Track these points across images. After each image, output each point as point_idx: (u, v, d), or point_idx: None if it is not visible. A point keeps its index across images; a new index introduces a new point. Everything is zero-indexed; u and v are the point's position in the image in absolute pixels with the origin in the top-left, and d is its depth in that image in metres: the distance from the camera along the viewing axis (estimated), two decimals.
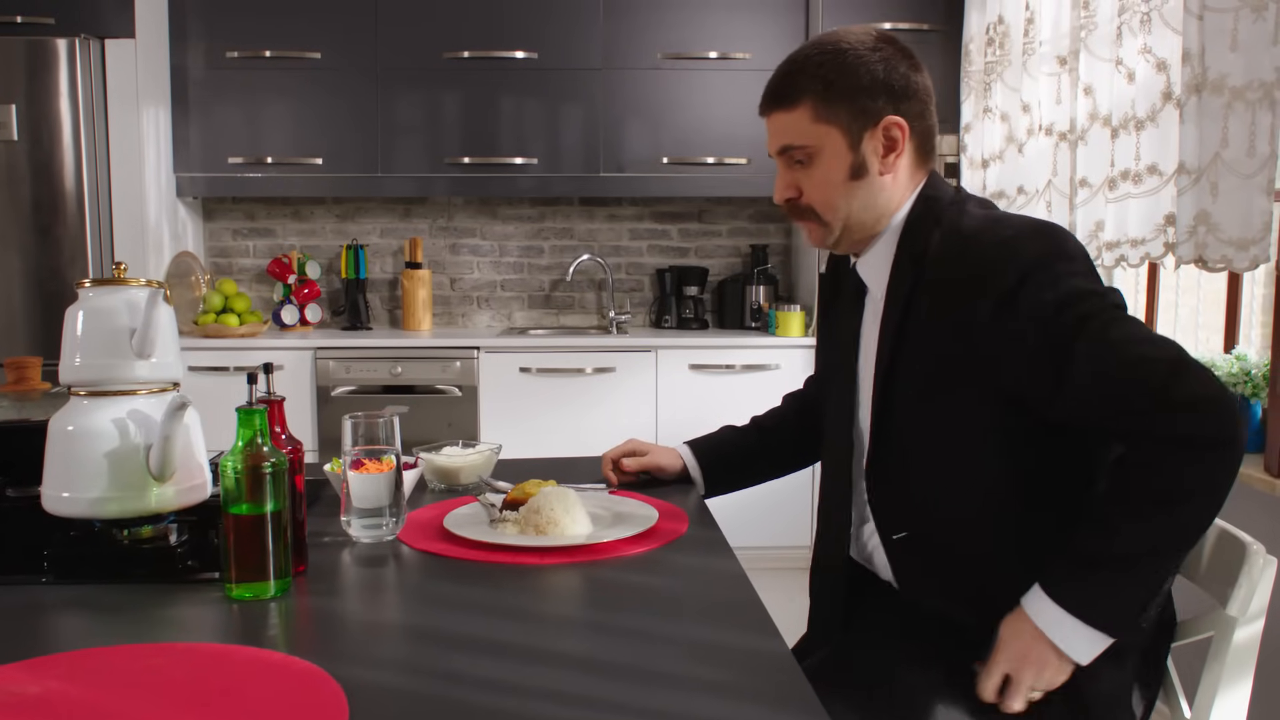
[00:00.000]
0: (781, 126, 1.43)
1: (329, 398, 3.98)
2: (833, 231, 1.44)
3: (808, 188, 1.43)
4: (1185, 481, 1.20)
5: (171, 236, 4.18)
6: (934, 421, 1.36)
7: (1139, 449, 1.22)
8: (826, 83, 1.38)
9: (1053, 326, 1.24)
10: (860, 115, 1.39)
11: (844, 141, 1.39)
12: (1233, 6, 2.25)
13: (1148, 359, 1.21)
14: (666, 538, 1.44)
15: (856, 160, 1.40)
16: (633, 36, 4.11)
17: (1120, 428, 1.24)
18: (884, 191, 1.42)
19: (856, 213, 1.42)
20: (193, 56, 4.10)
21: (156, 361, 1.31)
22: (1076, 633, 1.23)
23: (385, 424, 1.43)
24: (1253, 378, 2.53)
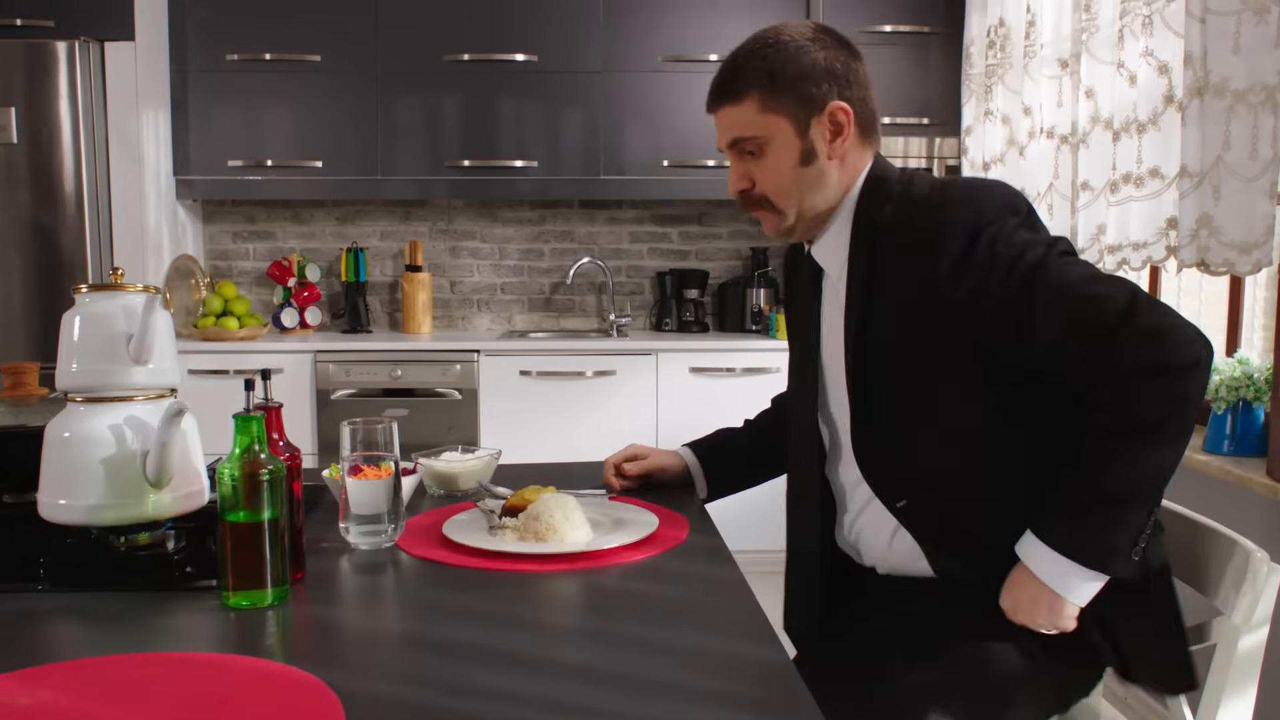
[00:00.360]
0: (730, 120, 1.47)
1: (329, 401, 3.97)
2: (787, 218, 1.48)
3: (760, 177, 1.47)
4: (1159, 408, 1.23)
5: (171, 239, 4.17)
6: (913, 386, 1.40)
7: (1109, 385, 1.25)
8: (770, 74, 1.42)
9: (1009, 279, 1.29)
10: (806, 103, 1.43)
11: (792, 129, 1.43)
12: (1234, 9, 2.24)
13: (1104, 296, 1.26)
14: (667, 544, 1.43)
15: (805, 147, 1.44)
16: (633, 39, 4.10)
17: (1087, 367, 1.27)
18: (833, 175, 1.46)
19: (808, 198, 1.46)
20: (192, 59, 4.09)
21: (154, 367, 1.30)
22: (1072, 574, 1.28)
23: (384, 430, 1.42)
24: (1255, 382, 2.52)
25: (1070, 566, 1.27)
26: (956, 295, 1.32)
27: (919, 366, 1.39)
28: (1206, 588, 1.35)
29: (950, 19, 3.94)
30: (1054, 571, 1.29)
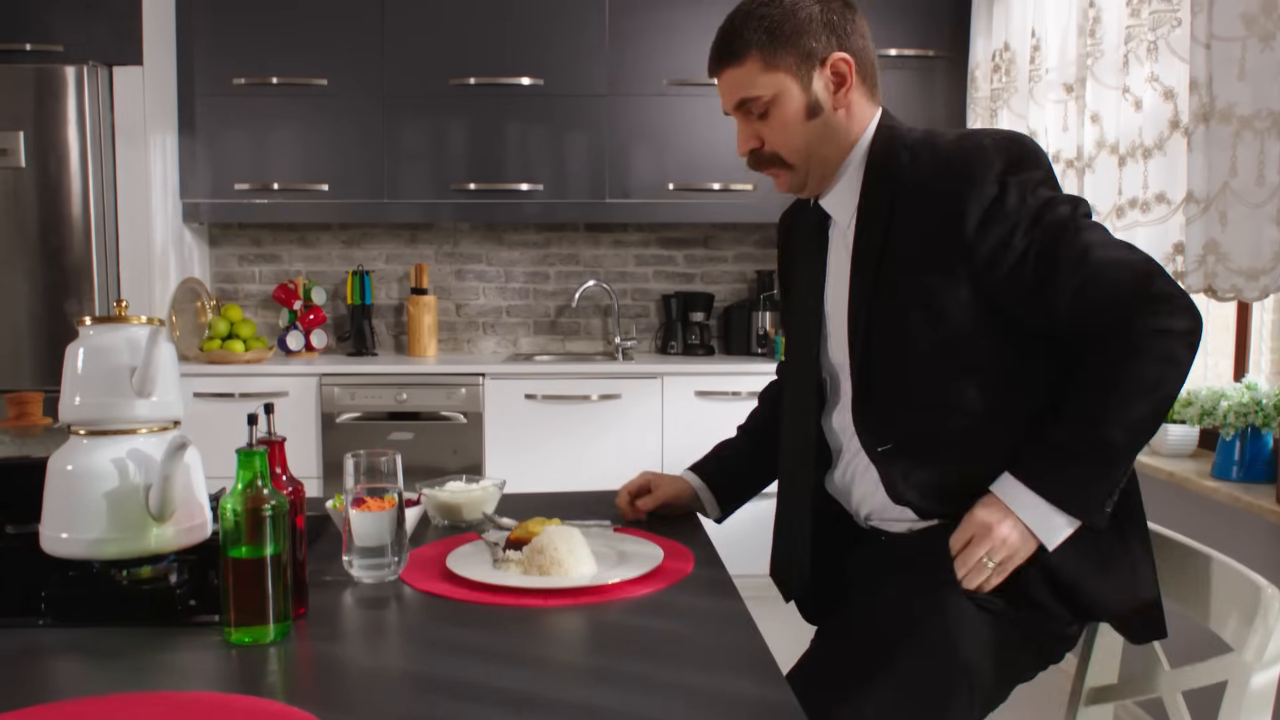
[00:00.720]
0: (733, 82, 1.48)
1: (334, 424, 3.97)
2: (798, 173, 1.50)
3: (768, 135, 1.48)
4: (1159, 369, 1.31)
5: (178, 262, 4.18)
6: (920, 332, 1.41)
7: (1120, 340, 1.32)
8: (769, 32, 1.44)
9: (1035, 232, 1.34)
10: (806, 57, 1.45)
11: (795, 84, 1.45)
12: (1240, 36, 2.24)
13: (1124, 261, 1.33)
14: (672, 578, 1.42)
15: (810, 100, 1.46)
16: (638, 63, 4.11)
17: (1102, 323, 1.33)
18: (841, 126, 1.48)
19: (818, 150, 1.48)
20: (200, 83, 4.11)
21: (157, 400, 1.30)
22: (1050, 518, 1.33)
23: (387, 462, 1.42)
24: (1263, 408, 2.50)
25: (1051, 511, 1.33)
26: (982, 243, 1.36)
27: (927, 313, 1.41)
28: (1214, 620, 1.33)
29: (955, 43, 3.95)
30: (1036, 516, 1.34)
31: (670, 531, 1.67)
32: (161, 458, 1.26)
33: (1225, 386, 2.62)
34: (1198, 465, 2.73)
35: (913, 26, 4.00)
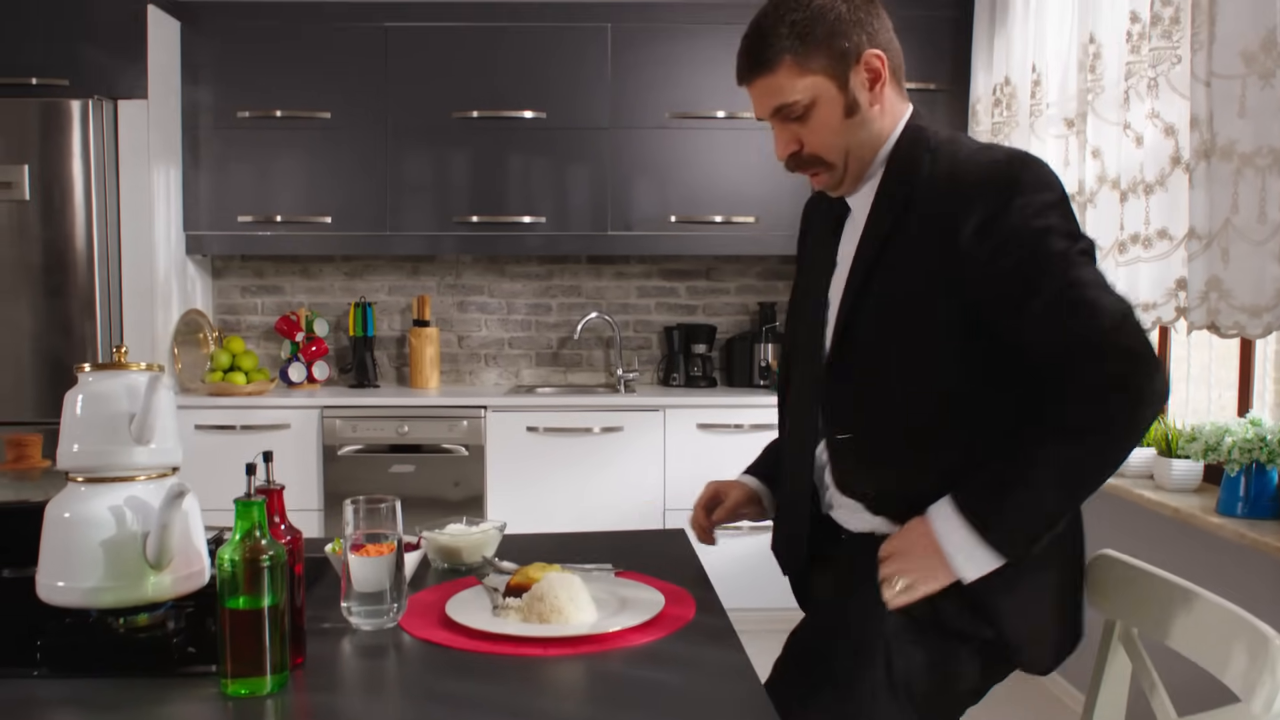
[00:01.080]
0: (768, 89, 1.47)
1: (335, 456, 3.96)
2: (838, 171, 1.49)
3: (808, 138, 1.48)
4: (1115, 422, 1.31)
5: (180, 294, 4.19)
6: (899, 331, 1.43)
7: (1079, 383, 1.31)
8: (800, 36, 1.43)
9: (1027, 252, 1.33)
10: (841, 57, 1.44)
11: (833, 86, 1.44)
12: (1240, 73, 2.24)
13: (1103, 305, 1.31)
14: (672, 625, 1.40)
15: (849, 100, 1.45)
16: (640, 96, 4.13)
17: (1065, 359, 1.32)
18: (877, 122, 1.48)
19: (856, 148, 1.47)
20: (204, 116, 4.13)
21: (156, 447, 1.29)
22: (974, 551, 1.34)
23: (386, 508, 1.41)
24: (1268, 444, 2.49)
25: (977, 544, 1.33)
26: (974, 254, 1.36)
27: (907, 315, 1.42)
28: (1220, 668, 1.32)
29: (956, 77, 3.96)
30: (959, 548, 1.34)
31: (672, 573, 1.65)
32: (159, 506, 1.25)
33: (1230, 422, 2.61)
34: (1202, 500, 2.72)
35: (914, 59, 3.98)
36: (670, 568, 1.70)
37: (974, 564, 1.35)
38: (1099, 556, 1.61)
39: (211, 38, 4.11)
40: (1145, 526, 2.93)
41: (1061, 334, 1.32)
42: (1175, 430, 2.87)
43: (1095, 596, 1.61)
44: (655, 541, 1.90)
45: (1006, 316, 1.36)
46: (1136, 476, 3.01)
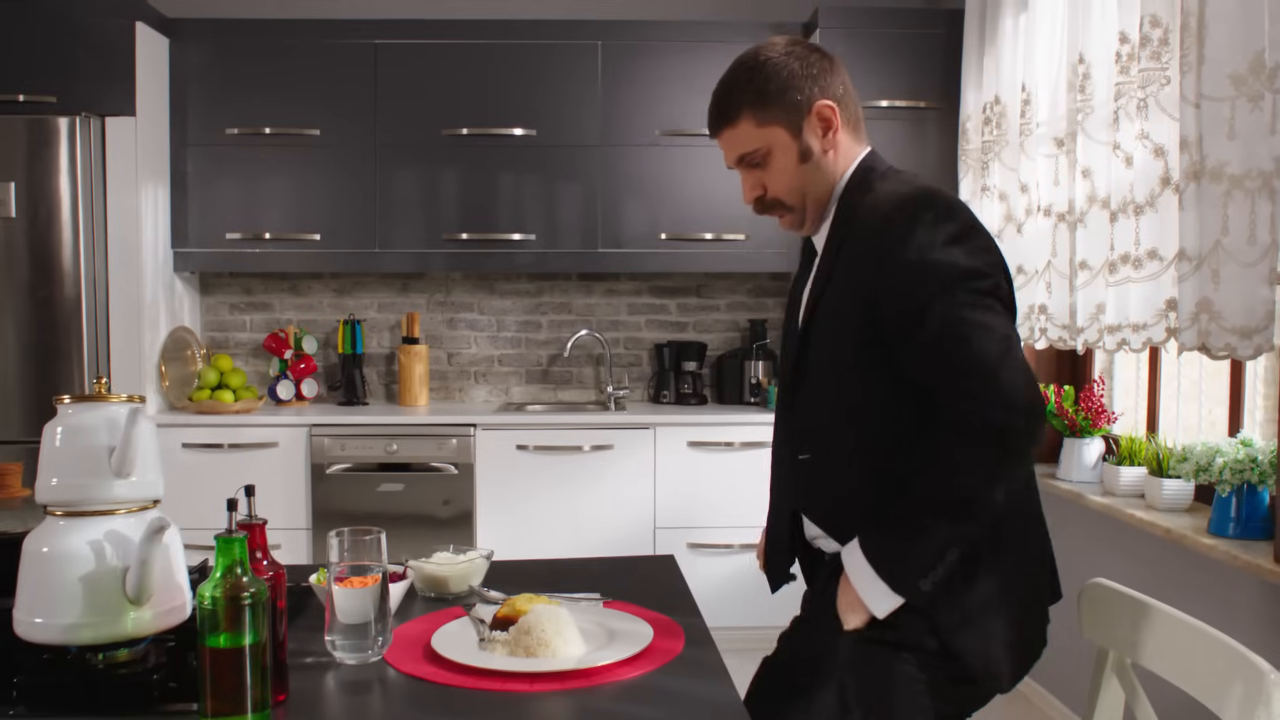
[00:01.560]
0: (733, 140, 1.62)
1: (324, 475, 3.93)
2: (799, 212, 1.63)
3: (769, 182, 1.62)
4: (983, 460, 1.40)
5: (168, 311, 4.17)
6: (833, 361, 1.56)
7: (952, 422, 1.42)
8: (757, 92, 1.58)
9: (918, 287, 1.44)
10: (793, 108, 1.58)
11: (787, 134, 1.58)
12: (1229, 95, 2.24)
13: (981, 349, 1.40)
14: (661, 659, 1.39)
15: (802, 147, 1.59)
16: (631, 113, 4.13)
17: (944, 396, 1.43)
18: (832, 166, 1.61)
19: (813, 190, 1.61)
20: (193, 133, 4.12)
21: (136, 480, 1.27)
22: (874, 587, 1.45)
23: (371, 540, 1.39)
24: (1259, 464, 2.49)
25: (875, 580, 1.44)
26: (878, 284, 1.47)
27: (840, 343, 1.54)
28: (1215, 702, 1.31)
29: (946, 95, 3.97)
30: (865, 585, 1.46)
31: (661, 602, 1.64)
32: (140, 540, 1.23)
33: (1220, 442, 2.60)
34: (1194, 520, 2.71)
35: (904, 78, 4.02)
36: (659, 595, 1.69)
37: (878, 600, 1.46)
38: (1091, 585, 1.60)
39: (200, 55, 4.10)
40: (1136, 546, 2.92)
41: (940, 372, 1.43)
42: (1166, 450, 2.87)
43: (1088, 625, 1.60)
44: (644, 568, 1.89)
45: (897, 347, 1.47)
46: (1127, 496, 3.00)
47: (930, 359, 1.44)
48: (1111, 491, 3.07)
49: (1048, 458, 3.58)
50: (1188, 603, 2.67)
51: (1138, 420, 3.29)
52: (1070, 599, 1.72)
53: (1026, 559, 1.62)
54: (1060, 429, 3.32)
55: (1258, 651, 1.27)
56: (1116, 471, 3.04)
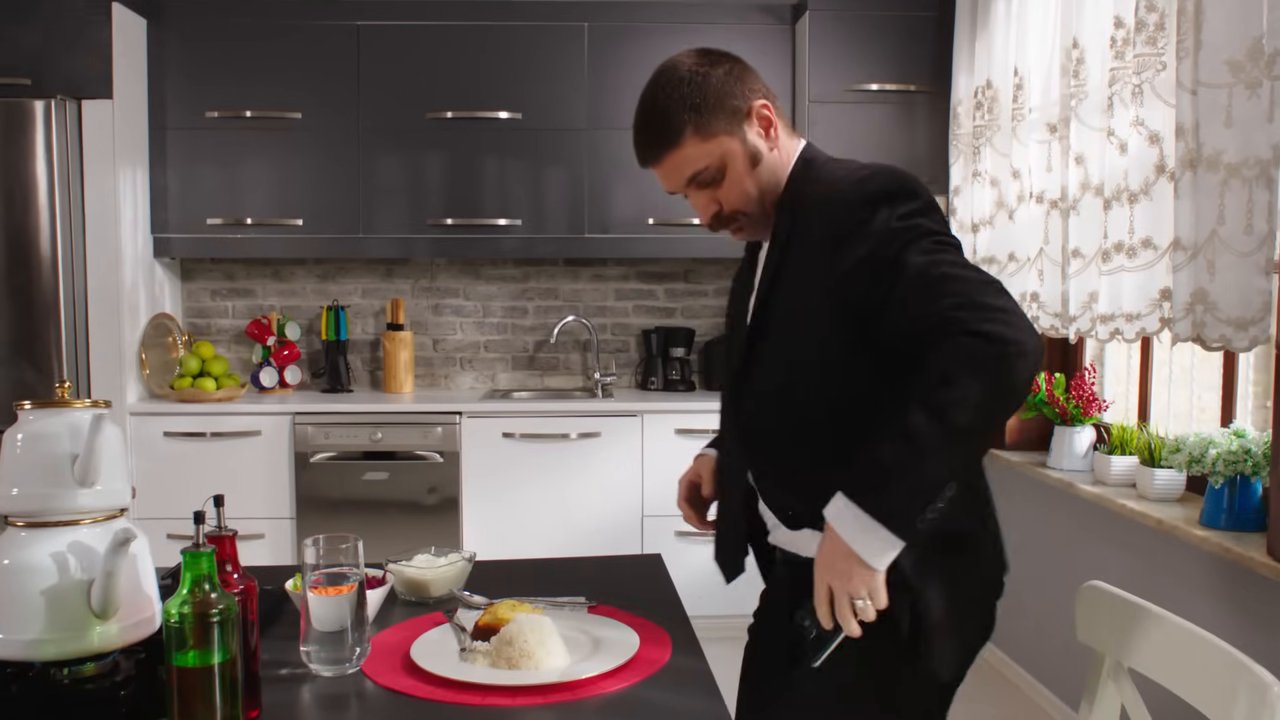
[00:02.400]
0: (678, 163, 1.52)
1: (308, 464, 3.89)
2: (755, 219, 1.56)
3: (725, 197, 1.54)
4: (979, 373, 1.28)
5: (148, 298, 4.10)
6: (790, 348, 1.50)
7: (943, 343, 1.30)
8: (693, 107, 1.49)
9: (893, 250, 1.37)
10: (733, 115, 1.51)
11: (735, 143, 1.51)
12: (1226, 82, 2.20)
13: (968, 276, 1.34)
14: (647, 669, 1.35)
15: (750, 151, 1.52)
16: (618, 96, 4.06)
17: (934, 329, 1.31)
18: (777, 163, 1.56)
19: (766, 191, 1.55)
20: (171, 117, 4.04)
21: (101, 489, 1.22)
22: (864, 531, 1.30)
23: (349, 548, 1.34)
24: (1252, 455, 2.46)
25: (873, 527, 1.30)
26: (843, 261, 1.41)
27: (798, 329, 1.49)
28: (1215, 711, 1.28)
29: (937, 79, 3.91)
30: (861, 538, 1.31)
31: (647, 604, 1.60)
32: (104, 552, 1.18)
33: (1213, 433, 2.57)
34: (1185, 511, 2.68)
35: (894, 61, 3.96)
36: (646, 595, 1.65)
37: (874, 547, 1.31)
38: (1087, 588, 1.57)
39: (179, 36, 4.02)
40: (1128, 537, 2.90)
41: (928, 308, 1.33)
42: (1158, 439, 2.84)
43: (1083, 628, 1.57)
44: (630, 567, 1.85)
45: (878, 311, 1.39)
46: (1119, 485, 2.98)
47: (916, 303, 1.34)
48: (1102, 481, 3.04)
49: (1038, 446, 3.56)
50: (1180, 594, 2.65)
51: (1129, 408, 3.27)
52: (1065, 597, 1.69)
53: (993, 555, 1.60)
54: (1051, 417, 3.29)
55: (1252, 647, 1.24)
56: (1108, 461, 3.01)
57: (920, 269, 1.35)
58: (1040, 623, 3.39)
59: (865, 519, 1.30)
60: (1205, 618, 2.55)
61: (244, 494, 3.87)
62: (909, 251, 1.37)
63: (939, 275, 1.34)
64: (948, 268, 1.35)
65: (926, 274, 1.34)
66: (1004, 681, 3.58)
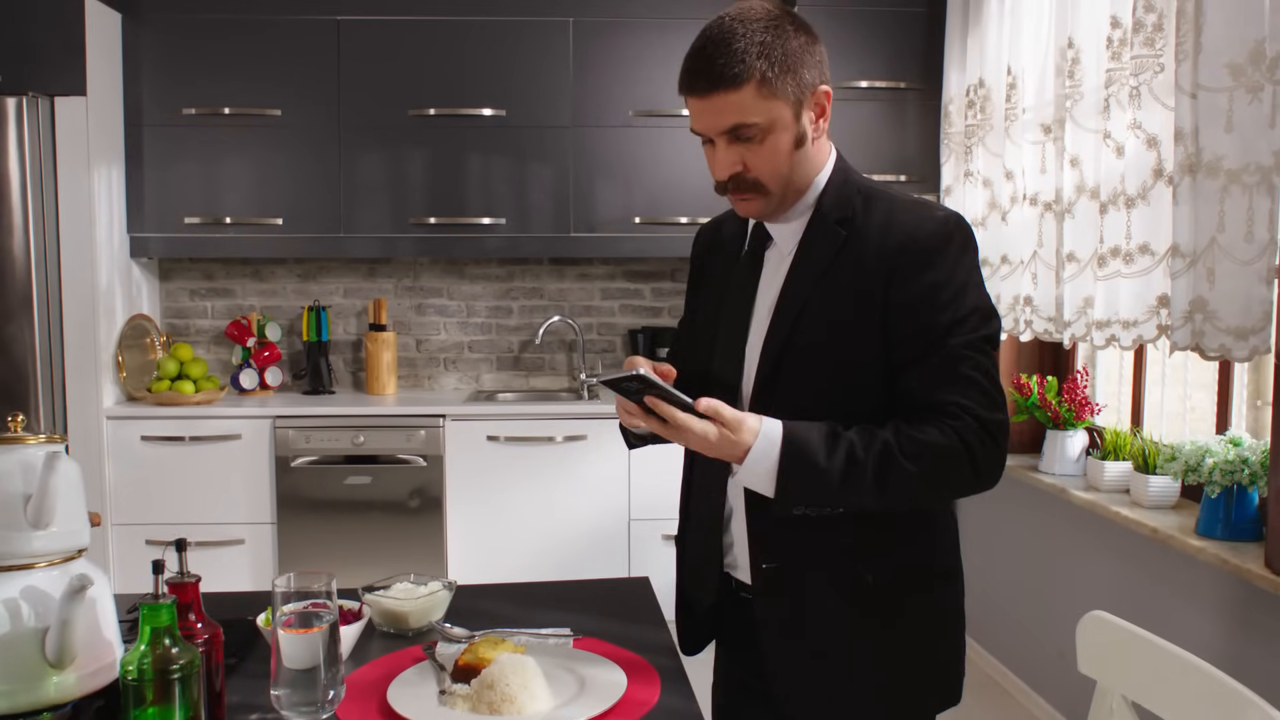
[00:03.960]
0: (728, 106, 1.41)
1: (289, 468, 3.82)
2: (773, 199, 1.47)
3: (755, 162, 1.44)
4: (943, 479, 1.37)
5: (125, 299, 4.02)
6: (825, 368, 1.45)
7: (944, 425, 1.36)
8: (769, 59, 1.39)
9: (939, 313, 1.38)
10: (800, 88, 1.42)
11: (790, 114, 1.42)
12: (1227, 86, 2.15)
13: (997, 398, 1.40)
14: (635, 712, 1.29)
15: (799, 131, 1.44)
16: (603, 93, 3.99)
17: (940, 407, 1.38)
18: (813, 158, 1.49)
19: (795, 180, 1.47)
20: (148, 114, 3.95)
21: (56, 531, 1.16)
22: (759, 475, 1.36)
23: (321, 586, 1.28)
24: (1249, 464, 2.41)
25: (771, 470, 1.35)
26: (905, 302, 1.40)
27: (834, 351, 1.44)
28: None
29: (927, 76, 3.85)
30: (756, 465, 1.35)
31: (634, 634, 1.54)
32: (60, 598, 1.12)
33: (1210, 441, 2.53)
34: (1181, 519, 2.65)
35: (884, 57, 3.90)
36: (634, 626, 1.59)
37: (749, 483, 1.39)
38: (1090, 618, 1.52)
39: (154, 31, 3.93)
40: (1122, 544, 2.86)
41: (954, 393, 1.37)
42: (1152, 446, 2.80)
43: (1085, 659, 1.52)
44: (617, 592, 1.79)
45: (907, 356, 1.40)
46: (1112, 491, 2.94)
47: (938, 383, 1.39)
48: (1095, 487, 3.00)
49: (1030, 448, 3.51)
50: (1176, 605, 2.61)
51: (1121, 411, 3.22)
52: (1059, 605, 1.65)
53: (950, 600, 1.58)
54: (1043, 420, 3.24)
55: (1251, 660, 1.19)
56: (1101, 466, 2.97)
57: (957, 355, 1.38)
58: (1034, 630, 3.35)
59: (772, 474, 1.35)
60: (1203, 630, 2.51)
61: (224, 499, 3.80)
62: (960, 326, 1.39)
63: (983, 383, 1.39)
64: (981, 360, 1.40)
65: (956, 369, 1.38)
66: (996, 688, 3.54)
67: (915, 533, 1.50)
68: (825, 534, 1.45)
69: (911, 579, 1.49)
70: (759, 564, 1.49)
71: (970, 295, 1.41)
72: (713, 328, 1.59)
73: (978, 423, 1.36)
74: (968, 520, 3.87)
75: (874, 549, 1.46)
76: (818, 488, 1.36)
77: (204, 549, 3.80)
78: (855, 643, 1.47)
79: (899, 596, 1.47)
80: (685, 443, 1.38)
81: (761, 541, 1.49)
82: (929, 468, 1.35)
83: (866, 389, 1.43)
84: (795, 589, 1.47)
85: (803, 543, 1.46)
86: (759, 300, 1.52)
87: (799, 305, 1.45)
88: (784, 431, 1.36)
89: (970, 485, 1.39)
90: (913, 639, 1.50)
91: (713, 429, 1.35)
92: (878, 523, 1.45)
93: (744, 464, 1.36)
